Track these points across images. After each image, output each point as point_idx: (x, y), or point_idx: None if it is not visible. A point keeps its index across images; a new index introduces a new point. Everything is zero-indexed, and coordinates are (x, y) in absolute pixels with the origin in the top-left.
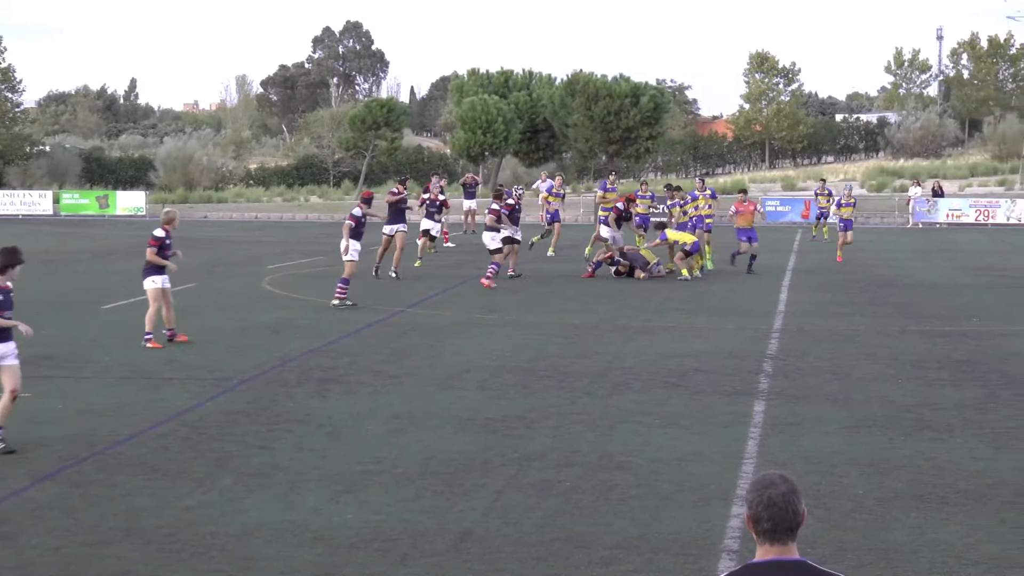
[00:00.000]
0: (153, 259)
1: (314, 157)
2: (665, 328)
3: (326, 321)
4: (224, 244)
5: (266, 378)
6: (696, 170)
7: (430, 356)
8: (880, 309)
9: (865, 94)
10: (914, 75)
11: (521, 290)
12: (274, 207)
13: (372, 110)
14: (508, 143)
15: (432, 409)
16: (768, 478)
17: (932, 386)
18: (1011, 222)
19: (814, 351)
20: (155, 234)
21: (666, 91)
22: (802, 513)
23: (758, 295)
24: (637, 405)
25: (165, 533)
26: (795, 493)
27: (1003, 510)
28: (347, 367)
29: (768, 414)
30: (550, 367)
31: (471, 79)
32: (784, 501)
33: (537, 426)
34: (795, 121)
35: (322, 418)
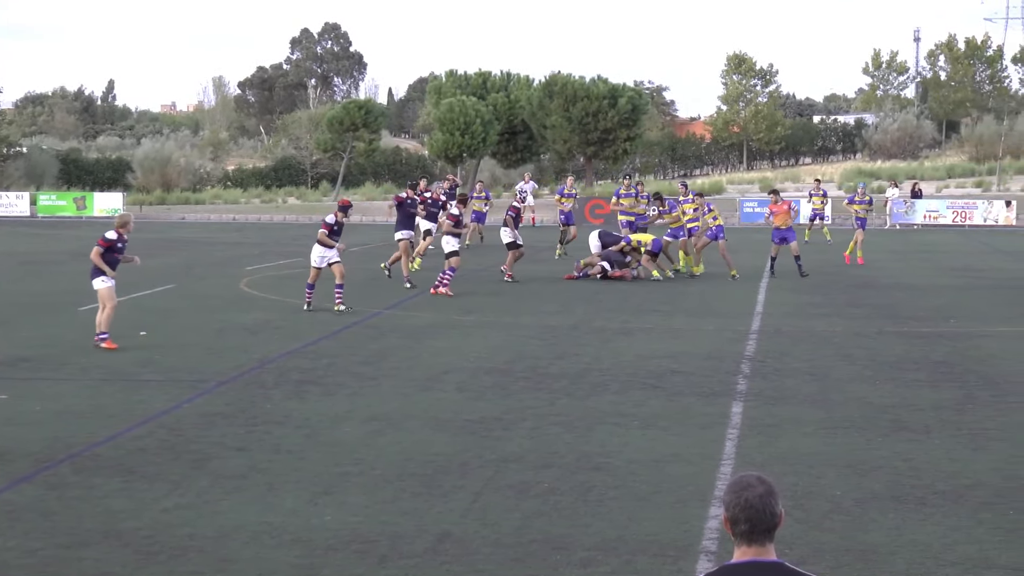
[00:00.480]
0: (97, 261)
1: (292, 158)
2: (643, 329)
3: (304, 322)
4: (202, 245)
5: (244, 380)
6: (674, 172)
7: (408, 358)
8: (858, 310)
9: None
10: (891, 76)
11: (499, 291)
12: (252, 208)
13: (350, 111)
14: (486, 144)
15: (410, 411)
16: (745, 480)
17: (910, 387)
18: (988, 223)
19: (792, 352)
20: (106, 235)
21: (644, 92)
22: (779, 514)
23: (736, 296)
24: (615, 406)
25: (143, 535)
26: (772, 495)
27: (980, 511)
28: (325, 369)
29: (746, 415)
30: (528, 368)
31: (449, 80)
32: (761, 503)
33: (515, 427)
34: (773, 123)
35: (300, 420)
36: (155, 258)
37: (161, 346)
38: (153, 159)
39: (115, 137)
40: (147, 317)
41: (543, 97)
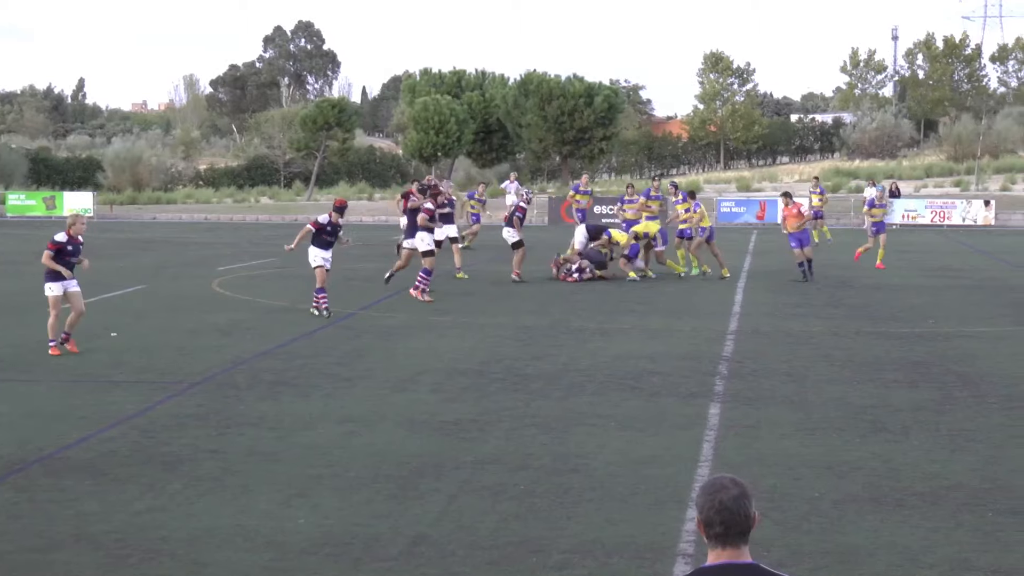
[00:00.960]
0: (48, 263)
1: (264, 158)
2: (620, 330)
3: (277, 323)
4: (173, 245)
5: (216, 381)
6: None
7: (383, 359)
8: (836, 311)
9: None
10: (869, 75)
11: (474, 291)
12: (224, 208)
13: (323, 110)
14: (461, 144)
15: (385, 412)
16: (719, 482)
17: (888, 388)
18: (967, 223)
19: (770, 353)
20: (55, 238)
21: (620, 91)
22: (753, 516)
23: (713, 296)
24: (592, 407)
25: (114, 538)
26: (746, 496)
27: (959, 512)
28: (299, 370)
29: (724, 416)
30: (504, 369)
31: (423, 79)
32: (735, 504)
33: (491, 429)
34: (750, 122)
35: (273, 421)
36: (126, 258)
37: (132, 347)
38: (124, 158)
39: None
40: (118, 318)
41: (518, 96)
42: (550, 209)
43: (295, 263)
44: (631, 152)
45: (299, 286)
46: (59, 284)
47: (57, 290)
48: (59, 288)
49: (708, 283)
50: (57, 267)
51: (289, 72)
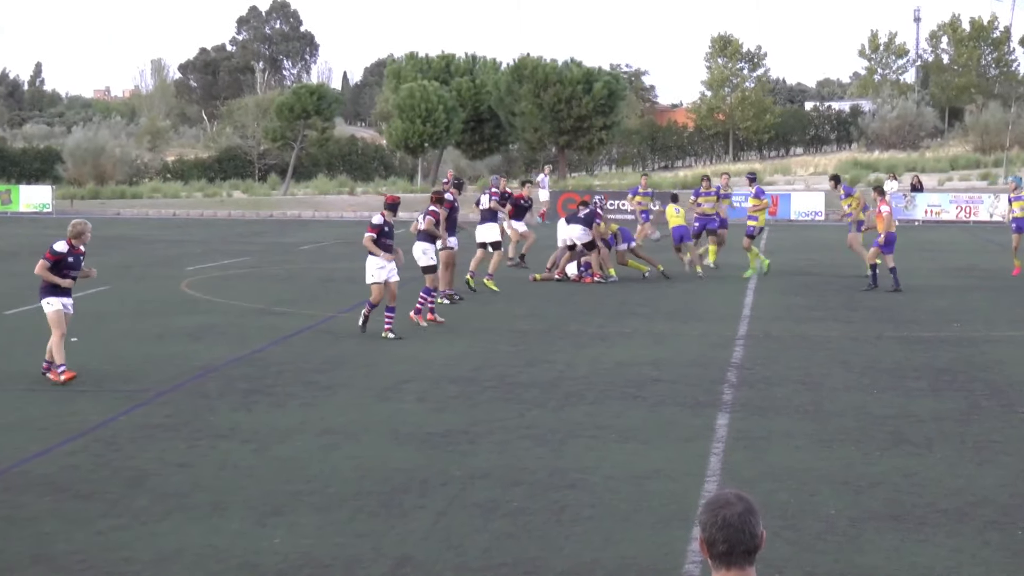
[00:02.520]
0: (43, 275)
1: (237, 149)
2: (621, 334)
3: (251, 327)
4: (139, 244)
5: (186, 389)
6: (655, 163)
7: (365, 365)
8: (854, 313)
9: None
10: (890, 60)
11: (464, 293)
12: (194, 203)
13: (301, 97)
14: (449, 133)
15: (367, 423)
16: (723, 497)
17: (910, 396)
18: (994, 219)
19: (782, 359)
20: (54, 248)
21: (621, 77)
22: (760, 535)
23: (722, 298)
24: (591, 418)
25: (76, 559)
26: (752, 513)
27: (986, 530)
28: (275, 377)
29: (733, 427)
30: (496, 377)
31: (409, 64)
32: (740, 522)
33: (482, 441)
34: (761, 110)
35: (247, 433)
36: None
37: (95, 354)
38: (85, 149)
39: (43, 125)
40: (80, 322)
41: (512, 82)
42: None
43: (269, 263)
44: (633, 142)
45: (274, 287)
46: (58, 299)
47: (56, 305)
48: (58, 303)
49: (716, 284)
50: (55, 279)
51: (264, 56)
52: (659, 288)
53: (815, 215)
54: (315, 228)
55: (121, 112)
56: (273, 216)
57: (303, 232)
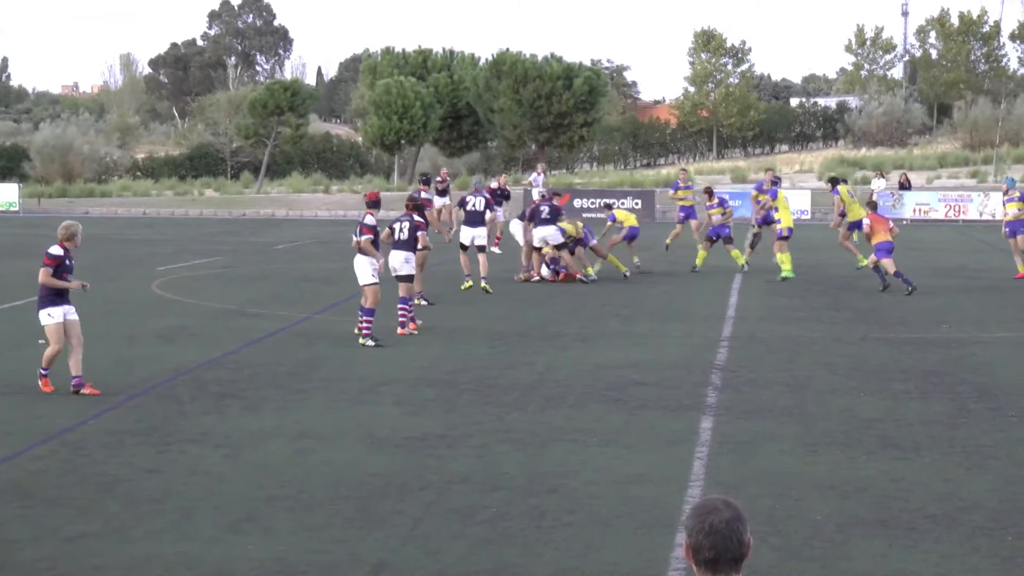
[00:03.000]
0: (50, 282)
1: (209, 146)
2: (602, 336)
3: (224, 329)
4: (109, 243)
5: (157, 393)
6: (636, 160)
7: (340, 368)
8: (840, 314)
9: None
10: (877, 55)
11: (441, 294)
12: (165, 202)
13: (274, 93)
14: (427, 130)
15: (343, 427)
16: (710, 503)
17: (897, 399)
18: (984, 218)
19: (767, 361)
20: (50, 252)
21: (602, 73)
22: (747, 542)
23: (705, 299)
24: (571, 422)
25: (44, 567)
26: (740, 520)
27: (975, 536)
28: (248, 380)
29: (717, 431)
30: (474, 380)
31: (385, 59)
32: (728, 529)
33: (460, 445)
34: (745, 106)
35: (220, 437)
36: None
37: (63, 356)
38: (53, 146)
39: (9, 122)
40: None
41: (490, 78)
42: (524, 203)
43: (242, 263)
44: (614, 139)
45: (247, 288)
46: (60, 309)
47: (58, 316)
48: (60, 314)
49: (700, 285)
50: (62, 284)
51: (236, 51)
52: (641, 289)
53: (801, 214)
54: (289, 227)
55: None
56: (246, 215)
57: (277, 231)
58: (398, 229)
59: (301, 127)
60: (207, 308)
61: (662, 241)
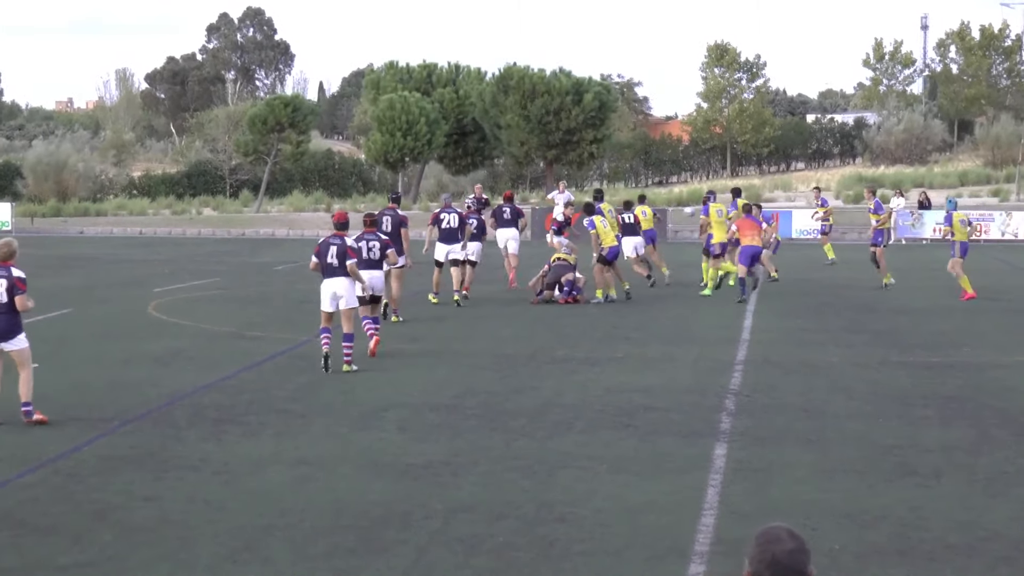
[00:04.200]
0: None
1: (207, 163)
2: (612, 359)
3: (222, 352)
4: (104, 263)
5: (153, 418)
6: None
7: (342, 392)
8: (858, 337)
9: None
10: (896, 70)
11: (446, 315)
12: (161, 221)
13: (275, 109)
14: (432, 147)
15: (345, 453)
16: (774, 532)
17: (917, 425)
18: (1006, 237)
19: (783, 385)
20: (23, 276)
21: (612, 88)
22: (809, 574)
23: (719, 321)
24: (581, 448)
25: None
26: (803, 552)
27: (997, 566)
28: (246, 405)
29: (731, 458)
30: (480, 404)
31: (389, 73)
32: (791, 560)
33: (465, 473)
34: (760, 122)
35: (218, 464)
36: (49, 278)
37: (57, 380)
38: (47, 164)
39: (2, 138)
40: (40, 347)
41: (497, 93)
42: (533, 222)
43: (241, 284)
44: (625, 156)
45: (246, 310)
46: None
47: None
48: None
49: (713, 307)
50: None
51: (236, 66)
52: (652, 311)
53: (817, 233)
54: (290, 247)
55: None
56: (245, 234)
57: (277, 251)
58: (366, 248)
59: (302, 144)
60: (204, 330)
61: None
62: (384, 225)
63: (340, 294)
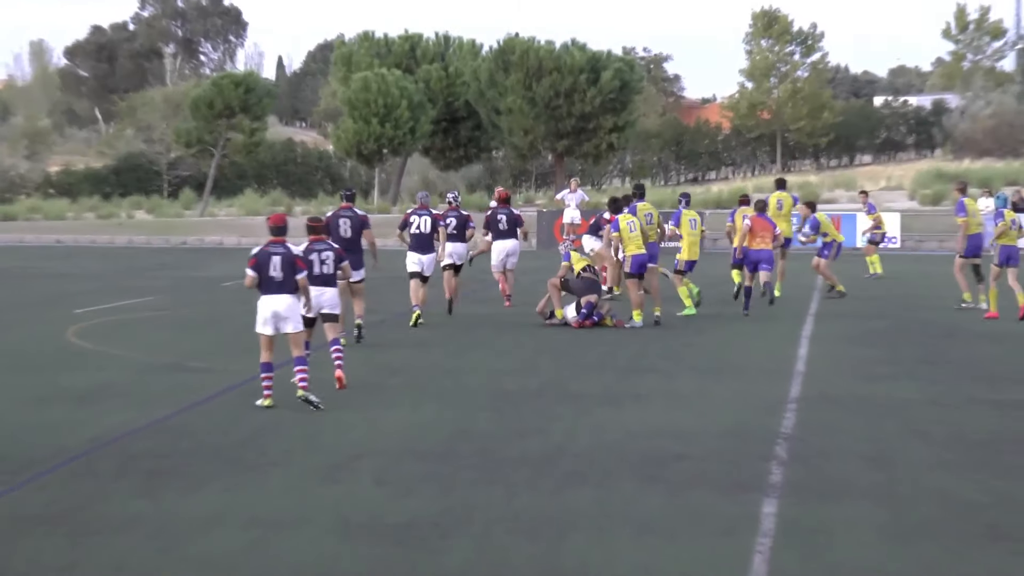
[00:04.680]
0: None
1: (141, 156)
2: (636, 396)
3: (158, 388)
4: (12, 279)
5: (72, 469)
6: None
7: (305, 436)
8: (937, 369)
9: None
10: (983, 43)
11: (432, 341)
12: (85, 226)
13: (223, 90)
14: (415, 137)
15: (308, 511)
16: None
17: (1010, 478)
18: None
19: (845, 428)
20: None
21: (637, 64)
22: None
23: (767, 348)
24: (597, 505)
25: None
26: None
27: None
28: (188, 453)
29: (782, 517)
30: (475, 451)
31: (363, 47)
32: None
33: (457, 534)
34: (817, 106)
35: (152, 526)
36: None
37: None
38: None
39: None
40: None
41: (495, 70)
42: (539, 228)
43: (182, 303)
44: (652, 148)
45: (188, 335)
46: None
47: None
48: None
49: (760, 330)
50: None
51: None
52: (684, 335)
53: (888, 241)
54: (241, 259)
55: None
56: (187, 243)
57: (225, 264)
58: (318, 261)
59: (257, 132)
60: (137, 361)
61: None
62: (342, 230)
63: (284, 315)
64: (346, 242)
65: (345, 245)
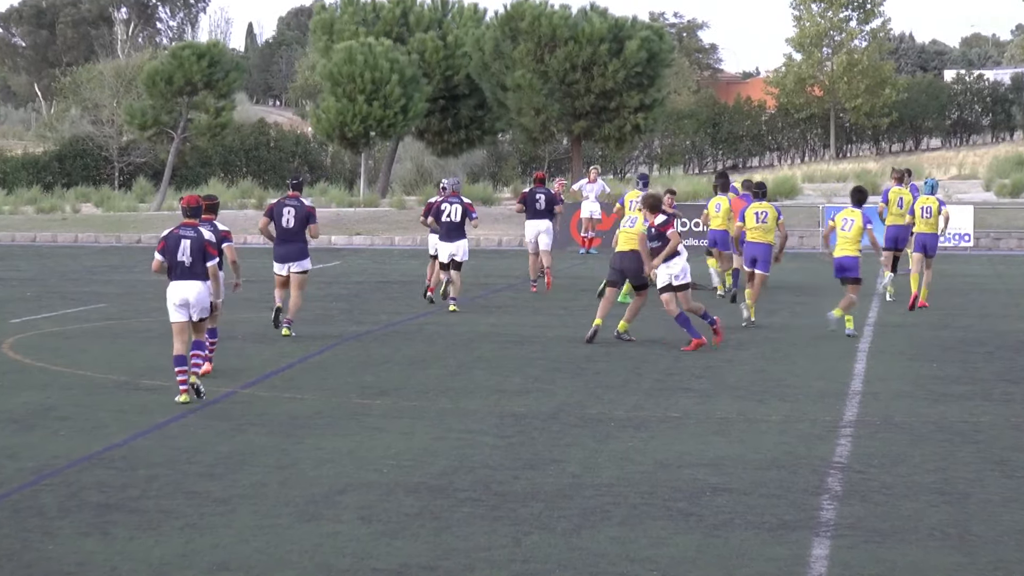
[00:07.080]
0: None
1: (88, 140)
2: (665, 420)
3: (109, 410)
4: None
5: (10, 504)
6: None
7: (281, 467)
8: (1017, 388)
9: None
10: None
11: (429, 357)
12: (22, 223)
13: (184, 63)
14: (408, 117)
15: (284, 554)
16: None
17: None
18: None
19: (910, 457)
20: None
21: (667, 33)
22: None
23: (817, 365)
24: (621, 546)
25: None
26: None
27: None
28: (144, 485)
29: (835, 560)
30: (477, 484)
31: (346, 12)
32: None
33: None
34: (877, 81)
35: (103, 569)
36: None
37: None
38: None
39: None
40: None
41: (502, 40)
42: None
43: (135, 312)
44: (685, 130)
45: (143, 349)
46: None
47: None
48: None
49: (810, 345)
50: None
51: (128, 2)
52: (723, 351)
53: (960, 239)
54: None
55: None
56: (141, 241)
57: None
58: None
59: (223, 112)
60: (84, 379)
61: None
62: (284, 220)
63: (193, 302)
64: (287, 233)
65: (286, 237)
